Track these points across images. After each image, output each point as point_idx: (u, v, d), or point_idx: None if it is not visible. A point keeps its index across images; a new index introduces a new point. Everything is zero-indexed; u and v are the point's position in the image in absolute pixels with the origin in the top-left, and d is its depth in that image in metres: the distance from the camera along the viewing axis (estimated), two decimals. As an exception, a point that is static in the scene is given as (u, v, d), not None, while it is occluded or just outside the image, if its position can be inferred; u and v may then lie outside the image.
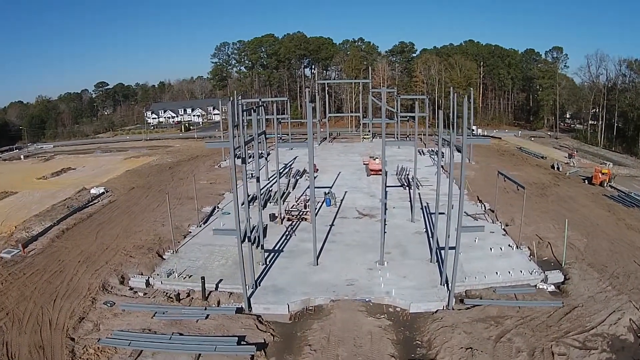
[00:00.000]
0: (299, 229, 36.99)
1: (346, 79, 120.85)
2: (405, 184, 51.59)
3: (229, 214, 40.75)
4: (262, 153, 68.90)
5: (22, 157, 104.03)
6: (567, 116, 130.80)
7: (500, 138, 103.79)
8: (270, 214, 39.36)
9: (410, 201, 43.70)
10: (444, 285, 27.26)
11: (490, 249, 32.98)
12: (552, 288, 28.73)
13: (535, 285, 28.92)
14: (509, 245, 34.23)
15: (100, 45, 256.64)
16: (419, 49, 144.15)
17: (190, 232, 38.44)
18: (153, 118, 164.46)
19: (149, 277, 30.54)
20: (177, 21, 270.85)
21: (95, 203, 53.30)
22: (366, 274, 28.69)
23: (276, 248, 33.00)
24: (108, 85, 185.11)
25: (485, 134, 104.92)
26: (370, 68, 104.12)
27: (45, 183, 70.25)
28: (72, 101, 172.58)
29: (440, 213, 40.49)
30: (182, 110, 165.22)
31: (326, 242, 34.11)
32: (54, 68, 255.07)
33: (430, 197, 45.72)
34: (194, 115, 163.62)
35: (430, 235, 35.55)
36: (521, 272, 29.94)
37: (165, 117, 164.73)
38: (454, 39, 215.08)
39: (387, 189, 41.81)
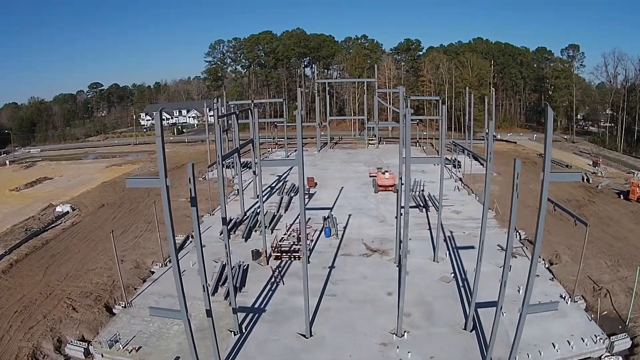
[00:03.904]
0: (288, 273, 28.69)
1: (349, 78, 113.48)
2: (422, 204, 43.20)
3: (204, 246, 32.88)
4: (247, 162, 61.35)
5: (7, 162, 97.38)
6: (580, 117, 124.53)
7: (515, 142, 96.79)
8: (253, 250, 31.04)
9: (430, 230, 35.86)
10: (487, 371, 19.40)
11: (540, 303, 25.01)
12: (620, 361, 21.35)
13: (600, 358, 21.59)
14: (561, 296, 26.38)
15: (98, 45, 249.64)
16: (425, 46, 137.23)
17: (153, 272, 30.62)
18: (147, 120, 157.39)
19: (89, 344, 22.98)
20: (173, 19, 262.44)
21: (56, 225, 46.23)
22: (379, 353, 20.49)
23: (256, 305, 24.82)
24: (102, 86, 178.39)
25: (499, 137, 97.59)
26: (375, 66, 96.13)
27: (16, 196, 64.17)
28: (65, 102, 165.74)
29: (466, 247, 32.99)
30: (177, 112, 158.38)
31: (324, 295, 25.90)
32: (50, 69, 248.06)
33: (452, 223, 37.88)
34: (189, 117, 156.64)
35: (460, 282, 27.60)
36: (583, 340, 22.21)
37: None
38: (462, 37, 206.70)
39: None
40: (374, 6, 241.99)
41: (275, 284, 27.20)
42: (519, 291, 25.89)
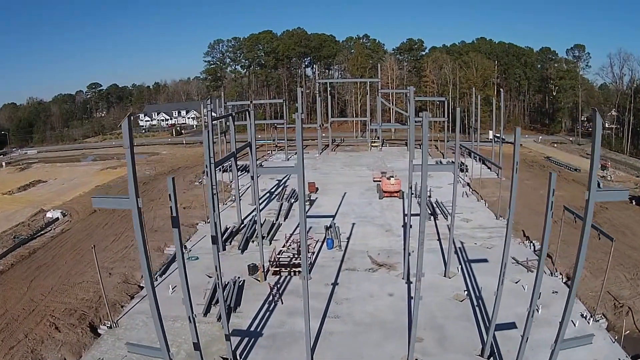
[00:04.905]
0: (288, 291, 26.45)
1: (351, 78, 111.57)
2: (429, 212, 40.87)
3: (197, 259, 30.88)
4: (246, 166, 59.26)
5: (3, 164, 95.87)
6: (583, 119, 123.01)
7: (521, 144, 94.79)
8: (249, 265, 28.84)
9: (439, 241, 33.73)
10: (509, 408, 17.36)
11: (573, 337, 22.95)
12: (647, 390, 19.51)
13: (626, 386, 19.73)
14: (582, 315, 24.31)
15: (97, 44, 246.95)
16: (428, 46, 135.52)
17: (142, 288, 28.56)
18: (146, 120, 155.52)
19: (69, 371, 21.02)
20: (173, 19, 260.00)
21: (45, 233, 44.37)
22: (388, 387, 18.56)
23: (252, 328, 22.65)
24: (101, 86, 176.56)
25: (504, 138, 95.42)
26: (379, 66, 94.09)
27: (8, 200, 62.48)
28: (64, 103, 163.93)
29: (479, 260, 30.84)
30: (177, 112, 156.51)
31: (327, 316, 23.64)
32: (49, 69, 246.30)
33: (462, 233, 35.69)
34: (188, 118, 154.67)
35: (475, 301, 25.47)
36: (608, 367, 20.27)
37: (158, 120, 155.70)
38: (465, 37, 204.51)
39: (404, 218, 32.12)
40: (375, 5, 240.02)
41: (273, 304, 25.02)
42: (537, 310, 23.85)
